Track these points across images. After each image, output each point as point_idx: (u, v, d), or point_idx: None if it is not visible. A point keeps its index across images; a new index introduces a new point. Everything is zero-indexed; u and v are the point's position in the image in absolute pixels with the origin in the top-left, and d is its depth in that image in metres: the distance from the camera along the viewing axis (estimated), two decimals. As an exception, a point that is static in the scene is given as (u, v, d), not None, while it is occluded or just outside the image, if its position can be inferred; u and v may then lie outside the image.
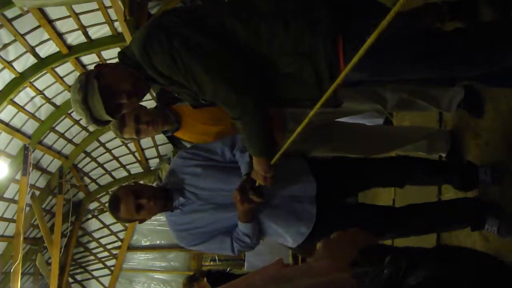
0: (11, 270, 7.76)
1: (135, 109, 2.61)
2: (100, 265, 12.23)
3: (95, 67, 1.88)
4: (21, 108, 7.64)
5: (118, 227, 11.85)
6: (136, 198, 2.19)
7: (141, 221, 2.31)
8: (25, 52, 6.82)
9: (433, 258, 0.75)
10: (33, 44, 6.82)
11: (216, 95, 1.75)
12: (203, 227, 2.27)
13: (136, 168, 11.43)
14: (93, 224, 11.92)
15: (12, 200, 8.56)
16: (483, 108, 2.58)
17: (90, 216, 11.79)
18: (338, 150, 2.78)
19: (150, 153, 11.06)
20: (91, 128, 2.06)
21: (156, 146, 10.70)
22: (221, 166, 2.30)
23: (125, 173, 11.43)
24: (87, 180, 11.08)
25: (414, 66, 1.78)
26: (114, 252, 11.96)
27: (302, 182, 2.25)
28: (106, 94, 1.77)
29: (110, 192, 11.51)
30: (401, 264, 0.74)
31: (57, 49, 7.13)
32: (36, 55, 7.00)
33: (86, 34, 7.17)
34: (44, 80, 7.64)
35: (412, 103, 2.80)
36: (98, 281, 12.31)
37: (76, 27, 6.91)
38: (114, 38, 7.28)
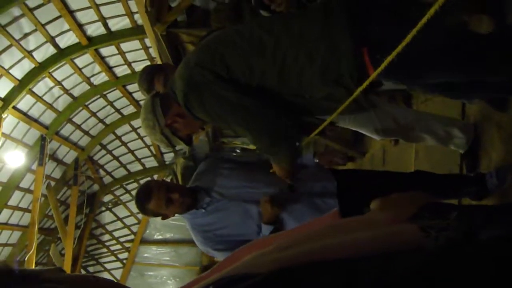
0: (25, 259, 7.85)
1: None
2: (113, 258, 12.33)
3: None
4: (39, 98, 7.73)
5: (131, 220, 11.91)
6: (168, 192, 2.21)
7: (165, 217, 2.30)
8: (45, 42, 6.90)
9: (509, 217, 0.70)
10: (53, 34, 6.90)
11: (254, 142, 2.01)
12: (226, 228, 2.28)
13: (151, 162, 11.48)
14: (107, 216, 12.02)
15: (27, 190, 8.67)
16: (507, 102, 2.53)
17: (104, 208, 11.88)
18: (357, 126, 2.78)
19: (165, 147, 11.07)
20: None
21: (171, 140, 10.70)
22: (243, 163, 2.45)
23: (140, 167, 11.49)
24: (102, 172, 11.17)
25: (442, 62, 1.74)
26: (127, 245, 12.02)
27: (323, 181, 2.30)
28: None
29: (124, 185, 11.59)
30: (471, 220, 0.68)
31: (77, 40, 7.20)
32: (56, 45, 7.07)
33: (106, 25, 7.23)
34: (63, 71, 7.72)
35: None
36: (110, 273, 12.39)
37: (97, 18, 6.96)
38: (134, 31, 7.34)
